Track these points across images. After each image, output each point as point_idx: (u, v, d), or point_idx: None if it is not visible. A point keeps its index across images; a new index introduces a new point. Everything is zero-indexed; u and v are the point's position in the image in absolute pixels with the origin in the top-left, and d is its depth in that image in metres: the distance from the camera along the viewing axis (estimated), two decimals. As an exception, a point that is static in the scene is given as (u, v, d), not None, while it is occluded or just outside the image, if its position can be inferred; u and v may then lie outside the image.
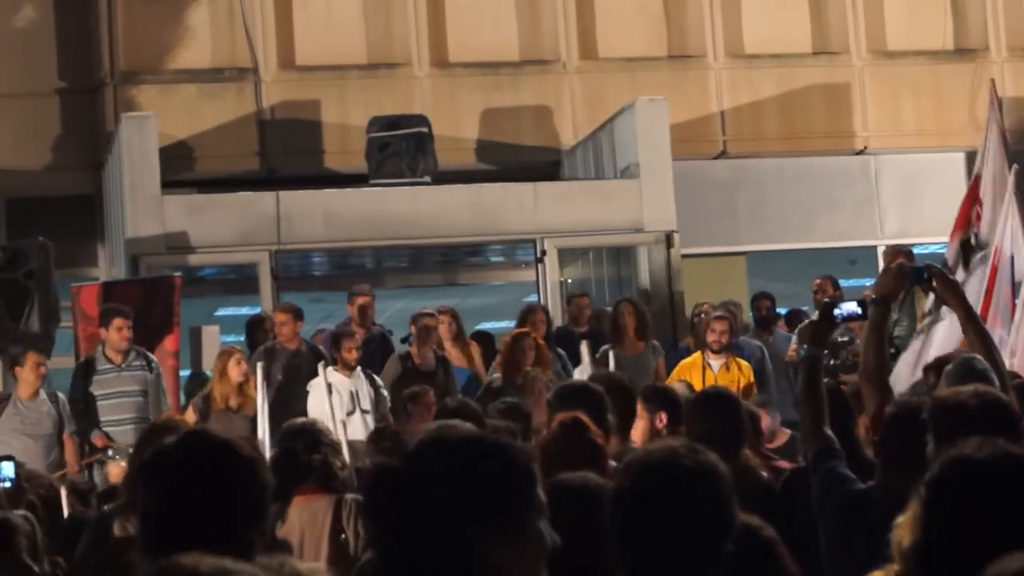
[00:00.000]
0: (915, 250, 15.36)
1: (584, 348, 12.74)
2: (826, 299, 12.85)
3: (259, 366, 12.28)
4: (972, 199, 12.45)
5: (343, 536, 6.65)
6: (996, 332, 11.07)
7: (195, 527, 3.54)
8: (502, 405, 9.07)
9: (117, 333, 13.08)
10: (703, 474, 3.80)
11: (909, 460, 5.12)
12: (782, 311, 16.30)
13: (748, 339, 14.74)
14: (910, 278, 6.95)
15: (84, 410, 13.00)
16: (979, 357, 6.54)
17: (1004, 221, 11.94)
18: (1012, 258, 11.68)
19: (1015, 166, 12.15)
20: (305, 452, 6.83)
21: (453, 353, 14.08)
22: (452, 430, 2.90)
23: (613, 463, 6.40)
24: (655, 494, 3.78)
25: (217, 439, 3.75)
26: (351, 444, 10.60)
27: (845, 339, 13.29)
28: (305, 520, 6.71)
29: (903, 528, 3.34)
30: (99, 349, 13.26)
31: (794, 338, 12.92)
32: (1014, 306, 11.42)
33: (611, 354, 13.03)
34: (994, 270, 11.71)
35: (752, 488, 6.26)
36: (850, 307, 6.48)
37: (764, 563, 4.46)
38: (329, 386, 12.92)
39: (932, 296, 11.94)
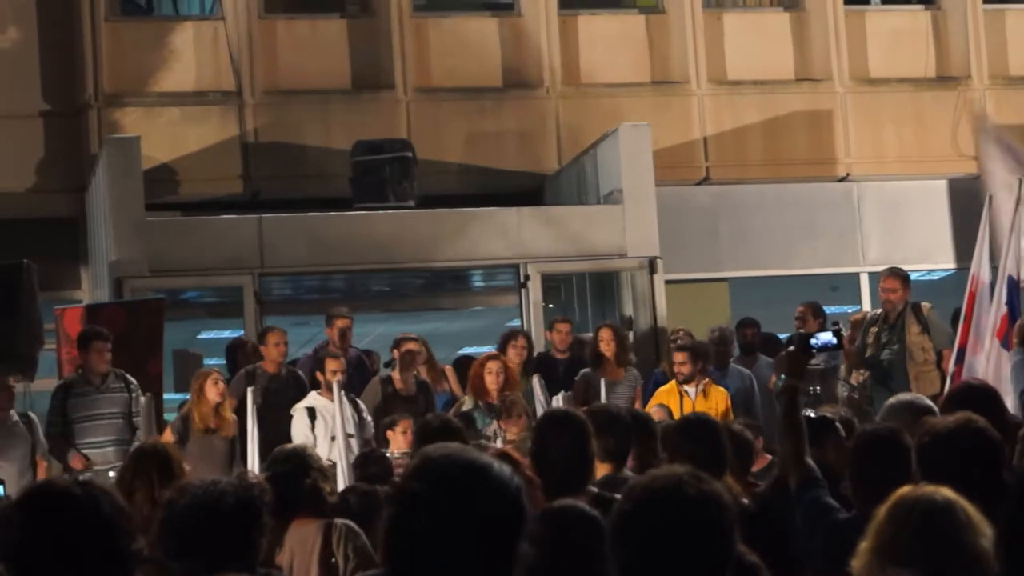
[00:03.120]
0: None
1: (535, 381, 12.71)
2: (801, 329, 12.91)
3: (250, 391, 12.23)
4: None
5: (333, 560, 6.68)
6: (978, 357, 11.16)
7: None
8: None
9: (97, 356, 12.98)
10: (707, 503, 3.81)
11: (880, 487, 5.18)
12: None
13: (737, 365, 14.82)
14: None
15: (63, 432, 12.94)
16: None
17: (979, 247, 11.98)
18: (990, 285, 11.72)
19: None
20: (295, 478, 6.85)
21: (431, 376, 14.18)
22: (462, 451, 2.96)
23: (594, 489, 6.44)
24: (657, 521, 3.79)
25: (62, 492, 3.63)
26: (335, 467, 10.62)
27: (821, 365, 13.35)
28: (295, 544, 6.74)
29: (861, 556, 3.39)
30: (78, 371, 13.21)
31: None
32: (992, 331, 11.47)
33: (602, 382, 13.03)
34: (972, 296, 11.75)
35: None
36: (826, 337, 6.62)
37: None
38: (312, 410, 12.94)
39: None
